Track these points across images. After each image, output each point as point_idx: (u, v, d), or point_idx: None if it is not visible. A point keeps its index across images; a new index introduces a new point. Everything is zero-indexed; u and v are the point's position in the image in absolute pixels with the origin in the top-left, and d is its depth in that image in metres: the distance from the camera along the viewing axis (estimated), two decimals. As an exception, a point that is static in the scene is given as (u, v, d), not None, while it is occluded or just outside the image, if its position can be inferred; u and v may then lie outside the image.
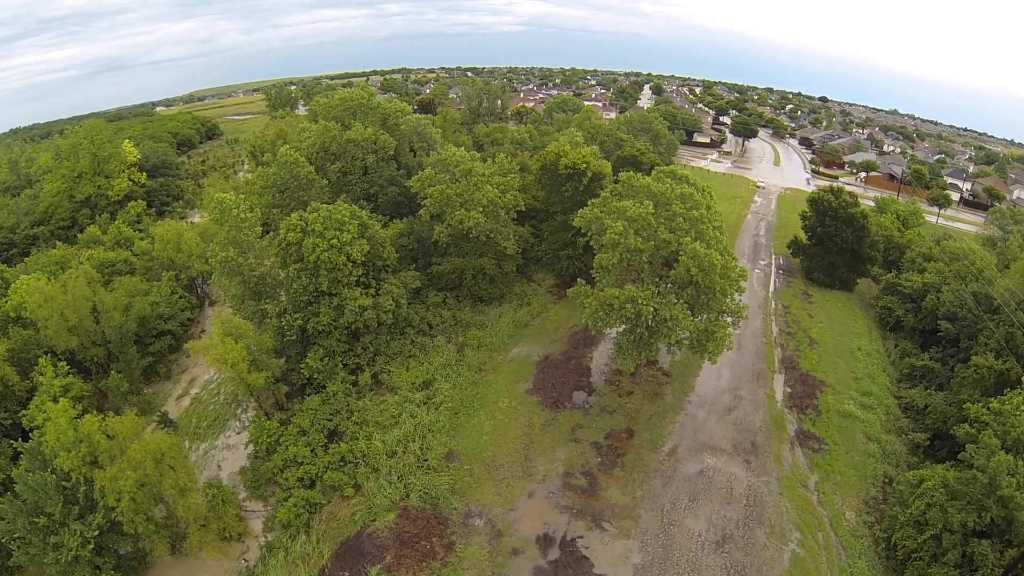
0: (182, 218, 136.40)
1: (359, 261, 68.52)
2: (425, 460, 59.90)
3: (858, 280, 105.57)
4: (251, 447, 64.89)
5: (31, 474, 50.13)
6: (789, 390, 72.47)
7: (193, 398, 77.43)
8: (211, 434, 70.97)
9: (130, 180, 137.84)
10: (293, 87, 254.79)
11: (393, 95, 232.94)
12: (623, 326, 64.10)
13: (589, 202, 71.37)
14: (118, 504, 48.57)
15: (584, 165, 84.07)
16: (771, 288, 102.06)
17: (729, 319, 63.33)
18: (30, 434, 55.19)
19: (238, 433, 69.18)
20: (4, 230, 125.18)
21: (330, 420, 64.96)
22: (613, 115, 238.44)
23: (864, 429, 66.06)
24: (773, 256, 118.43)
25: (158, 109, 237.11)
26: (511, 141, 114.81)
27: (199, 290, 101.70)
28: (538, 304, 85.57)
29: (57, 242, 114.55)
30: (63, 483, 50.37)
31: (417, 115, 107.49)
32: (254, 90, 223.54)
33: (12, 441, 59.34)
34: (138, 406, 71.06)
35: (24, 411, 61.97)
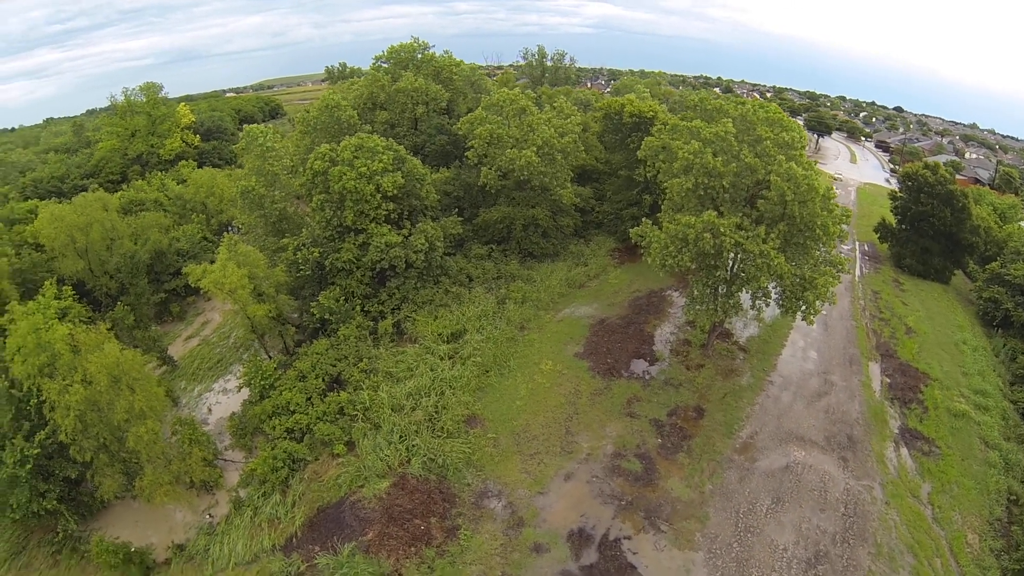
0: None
1: (391, 195, 60.20)
2: (438, 420, 50.09)
3: (954, 272, 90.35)
4: (246, 392, 56.76)
5: None
6: (888, 380, 59.32)
7: (202, 340, 70.55)
8: (210, 376, 63.79)
9: (183, 141, 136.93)
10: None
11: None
12: (698, 270, 52.39)
13: (653, 130, 61.21)
14: (65, 422, 41.84)
15: (652, 113, 73.88)
16: (857, 273, 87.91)
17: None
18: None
19: (238, 378, 60.60)
20: (54, 179, 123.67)
21: (334, 366, 55.91)
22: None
23: (981, 433, 53.16)
24: (857, 242, 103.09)
25: (228, 95, 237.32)
26: (575, 101, 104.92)
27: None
28: (596, 265, 74.80)
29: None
30: (12, 391, 45.16)
31: (472, 64, 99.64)
32: (322, 80, 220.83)
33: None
34: (143, 343, 64.21)
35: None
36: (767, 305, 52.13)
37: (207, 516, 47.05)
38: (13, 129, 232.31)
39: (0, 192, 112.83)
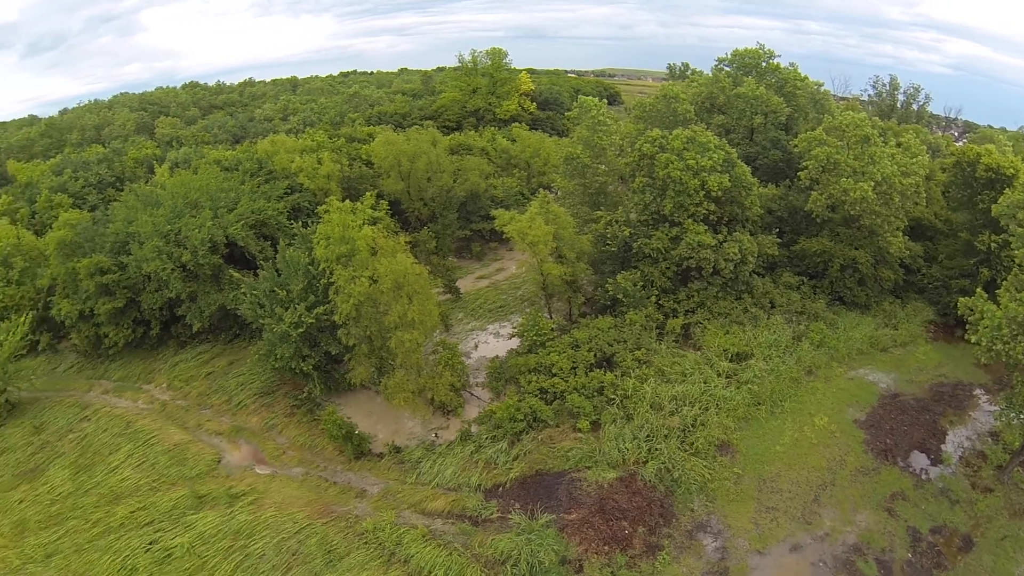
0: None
1: (714, 195, 57.24)
2: (692, 434, 46.51)
3: None
4: (516, 342, 57.94)
5: (291, 249, 52.93)
6: None
7: (492, 283, 73.87)
8: (487, 317, 66.57)
9: (520, 105, 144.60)
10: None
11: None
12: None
13: (1016, 183, 52.45)
14: (343, 306, 46.16)
15: (1013, 171, 61.26)
16: None
17: None
18: None
19: (513, 327, 62.11)
20: (396, 115, 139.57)
21: (610, 346, 54.49)
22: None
23: None
24: None
25: (569, 74, 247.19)
26: (923, 142, 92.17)
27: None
28: (906, 332, 64.27)
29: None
30: (310, 267, 51.31)
31: (818, 81, 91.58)
32: (662, 78, 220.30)
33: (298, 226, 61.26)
34: (437, 268, 68.80)
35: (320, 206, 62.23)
36: None
37: (433, 434, 49.21)
38: (372, 72, 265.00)
39: (350, 117, 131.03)
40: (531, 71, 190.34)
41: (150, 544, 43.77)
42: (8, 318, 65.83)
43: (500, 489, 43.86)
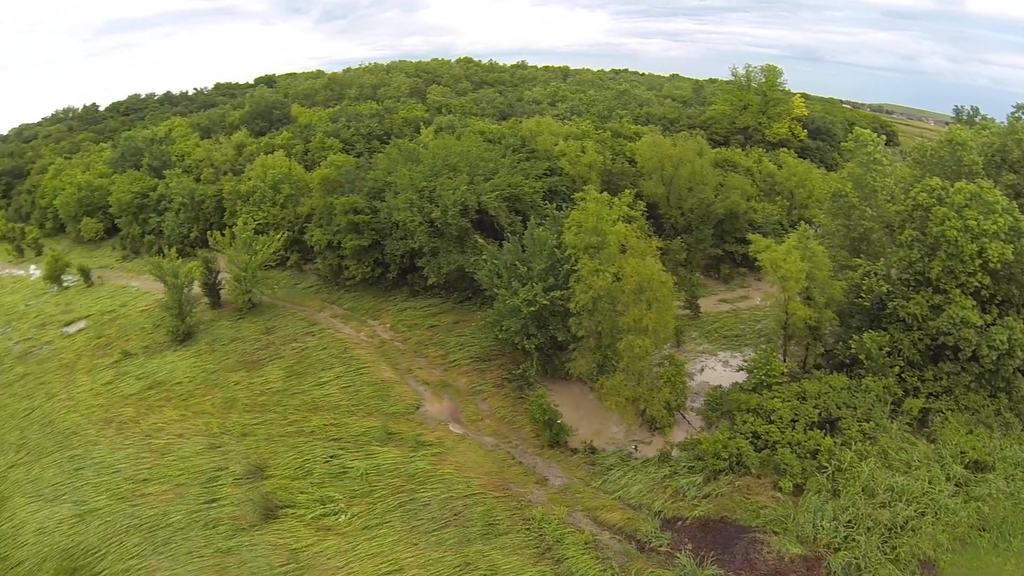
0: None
1: (991, 268, 49.34)
2: (898, 537, 40.42)
3: None
4: (743, 376, 54.92)
5: (540, 228, 55.15)
6: None
7: (733, 309, 70.48)
8: (720, 343, 63.59)
9: (790, 130, 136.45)
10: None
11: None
12: None
13: None
14: (580, 296, 46.48)
15: None
16: None
17: None
18: None
19: (744, 360, 58.42)
20: (664, 119, 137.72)
21: (838, 408, 49.36)
22: None
23: None
24: None
25: (843, 105, 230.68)
26: None
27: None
28: None
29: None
30: (556, 250, 52.70)
31: None
32: (945, 122, 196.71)
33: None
34: (682, 280, 68.01)
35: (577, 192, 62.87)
36: None
37: (633, 446, 48.31)
38: (643, 73, 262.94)
39: (617, 113, 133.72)
40: (804, 96, 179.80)
41: (331, 457, 48.54)
42: (267, 233, 76.75)
43: (679, 523, 41.91)
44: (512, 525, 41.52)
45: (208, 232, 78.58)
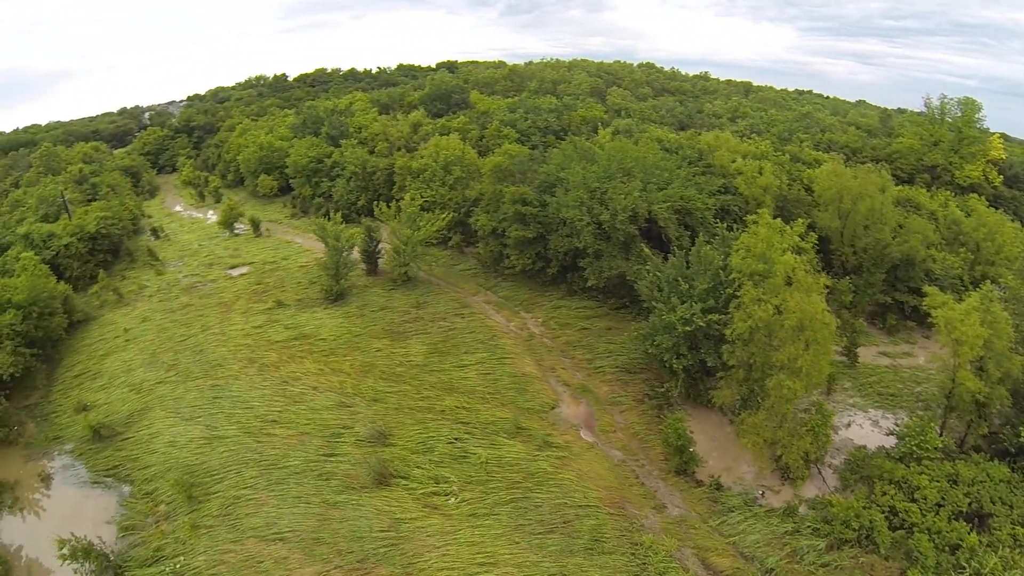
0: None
1: None
2: None
3: None
4: (892, 440, 50.73)
5: (708, 247, 53.27)
6: None
7: (893, 365, 64.20)
8: (873, 399, 58.22)
9: (984, 175, 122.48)
10: None
11: None
12: None
13: None
14: (738, 324, 44.67)
15: None
16: None
17: None
18: None
19: (896, 424, 54.08)
20: (846, 148, 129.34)
21: (992, 503, 43.37)
22: None
23: None
24: None
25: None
26: None
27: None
28: None
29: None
30: (721, 271, 50.78)
31: None
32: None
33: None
34: (845, 324, 62.38)
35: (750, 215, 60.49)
36: None
37: (761, 491, 45.60)
38: (827, 96, 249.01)
39: (798, 136, 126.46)
40: (1004, 136, 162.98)
41: (455, 439, 49.23)
42: (432, 211, 79.05)
43: (790, 582, 38.85)
44: (618, 546, 40.38)
45: (375, 202, 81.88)
